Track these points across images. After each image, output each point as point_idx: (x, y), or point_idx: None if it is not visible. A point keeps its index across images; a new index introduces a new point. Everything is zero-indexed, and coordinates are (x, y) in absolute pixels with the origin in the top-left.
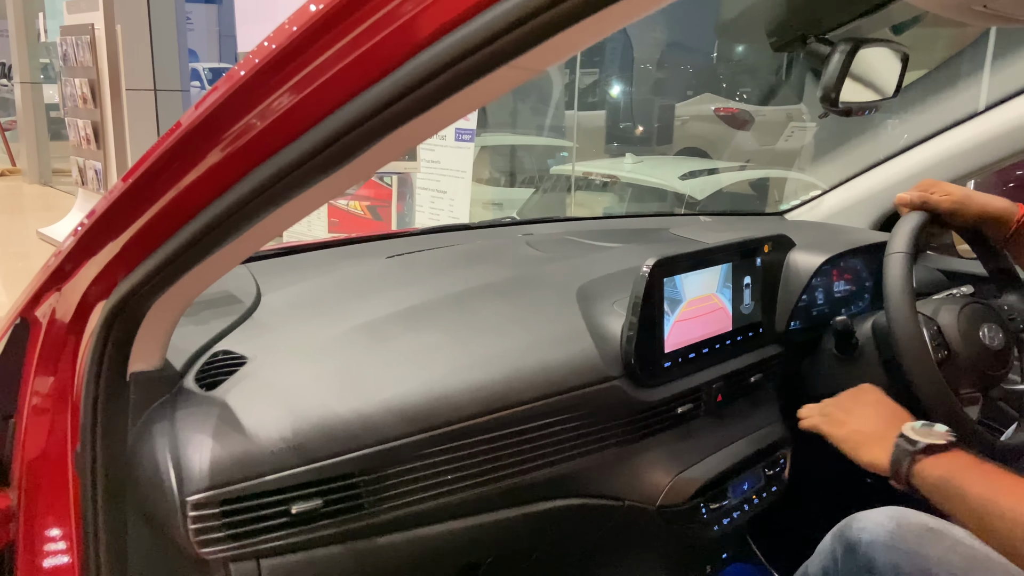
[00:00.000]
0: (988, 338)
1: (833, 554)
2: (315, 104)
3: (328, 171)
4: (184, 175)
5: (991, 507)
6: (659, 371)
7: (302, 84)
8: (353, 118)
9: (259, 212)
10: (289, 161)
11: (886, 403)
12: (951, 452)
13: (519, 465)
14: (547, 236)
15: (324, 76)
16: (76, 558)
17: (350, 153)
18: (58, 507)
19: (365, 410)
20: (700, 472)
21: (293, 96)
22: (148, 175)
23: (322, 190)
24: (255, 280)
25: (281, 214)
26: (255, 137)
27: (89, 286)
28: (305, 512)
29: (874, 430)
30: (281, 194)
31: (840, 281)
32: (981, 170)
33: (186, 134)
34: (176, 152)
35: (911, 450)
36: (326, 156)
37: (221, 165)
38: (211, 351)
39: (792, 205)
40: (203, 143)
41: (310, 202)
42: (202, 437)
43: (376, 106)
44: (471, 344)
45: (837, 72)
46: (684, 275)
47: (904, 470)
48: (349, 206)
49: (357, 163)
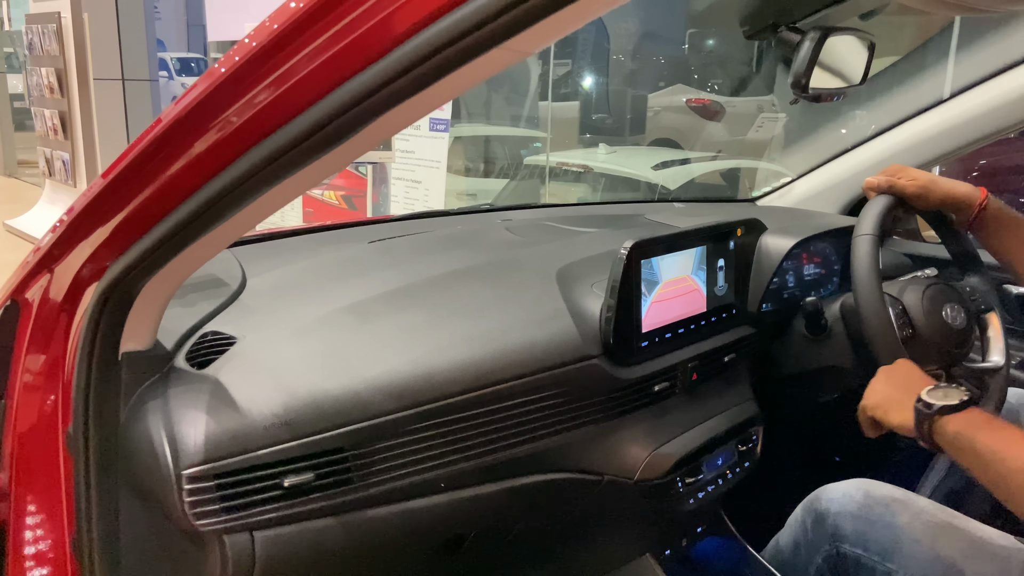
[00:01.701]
0: (951, 317)
1: (803, 525)
2: (307, 88)
3: (320, 153)
4: (175, 160)
5: (997, 458)
6: (636, 350)
7: (304, 62)
8: (343, 103)
9: (248, 196)
10: (279, 145)
11: (913, 373)
12: (966, 411)
13: (502, 441)
14: (525, 221)
15: (323, 57)
16: (68, 536)
17: (343, 135)
18: (50, 486)
19: (353, 387)
20: (676, 448)
21: (279, 85)
22: (141, 159)
23: (314, 171)
24: (240, 264)
25: (270, 197)
26: (244, 124)
27: (82, 266)
28: (297, 485)
29: (898, 396)
30: (271, 177)
31: (810, 265)
32: (946, 156)
33: (176, 121)
34: (167, 138)
35: (927, 412)
36: (318, 138)
37: (210, 151)
38: (200, 332)
39: (763, 192)
40: (192, 130)
41: (300, 184)
42: (195, 413)
43: (362, 93)
44: (454, 324)
45: (807, 59)
46: (660, 257)
47: (926, 431)
48: (324, 196)
49: (349, 144)
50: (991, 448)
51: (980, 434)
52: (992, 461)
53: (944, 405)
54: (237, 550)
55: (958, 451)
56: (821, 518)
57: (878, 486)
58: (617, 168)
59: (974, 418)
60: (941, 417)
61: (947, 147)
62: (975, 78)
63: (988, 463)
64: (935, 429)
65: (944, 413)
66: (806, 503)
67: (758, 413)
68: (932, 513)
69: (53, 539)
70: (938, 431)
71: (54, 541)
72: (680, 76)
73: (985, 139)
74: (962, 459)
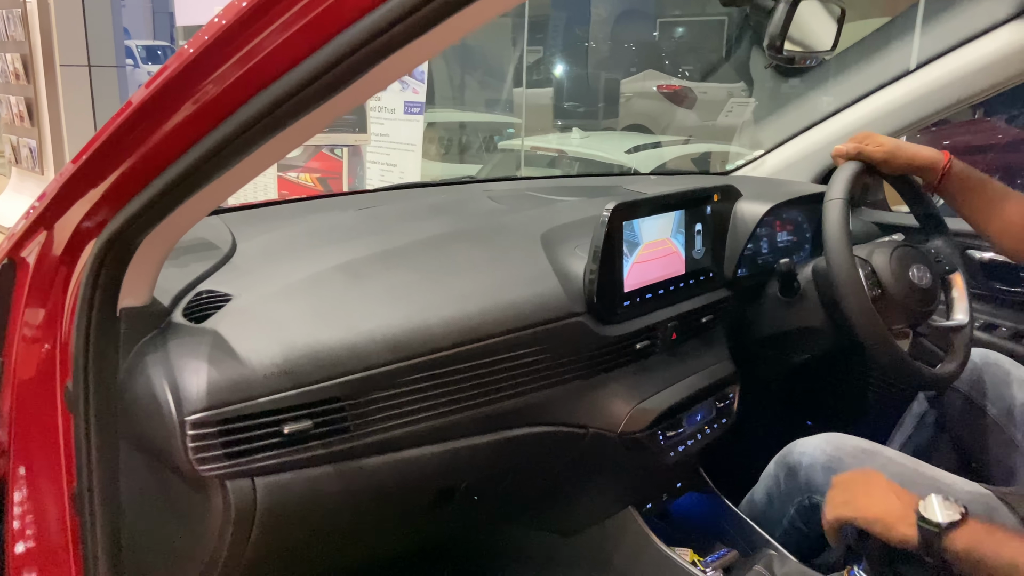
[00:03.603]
0: (917, 277)
1: (776, 478)
2: (297, 45)
3: (315, 105)
4: (174, 114)
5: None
6: (619, 309)
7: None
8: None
9: (242, 150)
10: (275, 97)
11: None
12: (968, 524)
13: (492, 394)
14: (507, 191)
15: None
16: (68, 490)
17: (336, 87)
18: (49, 442)
19: (349, 339)
20: (657, 403)
21: (277, 38)
22: (139, 114)
23: (304, 126)
24: (230, 230)
25: (260, 153)
26: (234, 83)
27: (81, 221)
28: (296, 432)
29: (898, 512)
30: (262, 132)
31: (783, 232)
32: (913, 125)
33: (175, 76)
34: (159, 100)
35: (936, 531)
36: (310, 92)
37: (209, 104)
38: (195, 291)
39: (737, 165)
40: (184, 90)
41: (285, 144)
42: (197, 363)
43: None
44: (445, 282)
45: (781, 22)
46: (641, 219)
47: (935, 548)
48: (300, 178)
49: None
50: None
51: (991, 550)
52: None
53: (951, 523)
54: (239, 495)
55: (970, 566)
56: (793, 471)
57: (847, 439)
58: (591, 152)
59: (978, 532)
60: (947, 534)
61: (914, 116)
62: (939, 50)
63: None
64: (943, 547)
65: (950, 529)
66: (779, 457)
67: (735, 372)
68: (898, 462)
69: (53, 494)
70: (946, 548)
71: (54, 496)
72: (651, 62)
73: (949, 108)
74: (974, 572)
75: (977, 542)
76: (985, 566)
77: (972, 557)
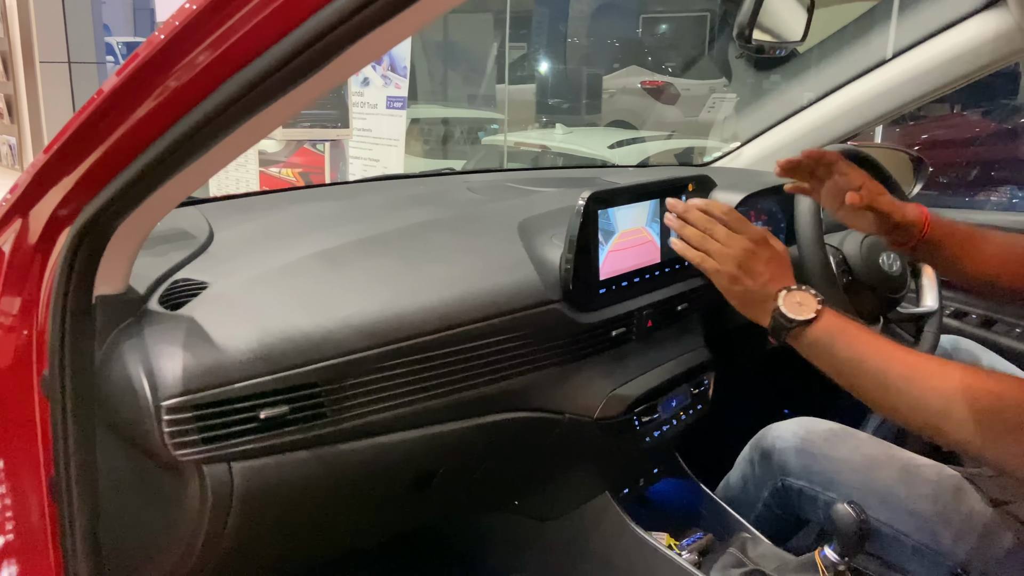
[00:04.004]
0: (887, 265)
1: (751, 463)
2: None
3: (288, 88)
4: (146, 99)
5: (857, 367)
6: (595, 296)
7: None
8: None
9: (217, 134)
10: (248, 80)
11: (775, 261)
12: (821, 319)
13: (469, 380)
14: (486, 182)
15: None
16: (45, 477)
17: (313, 67)
18: (26, 429)
19: (326, 325)
20: (633, 389)
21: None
22: (108, 103)
23: (277, 111)
24: (207, 220)
25: (236, 137)
26: (206, 68)
27: (54, 210)
28: (273, 418)
29: (758, 294)
30: (234, 118)
31: (758, 221)
32: (889, 114)
33: (148, 61)
34: (131, 86)
35: (786, 326)
36: (282, 76)
37: (182, 89)
38: (171, 279)
39: (714, 157)
40: (156, 76)
41: (258, 130)
42: (172, 349)
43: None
44: (423, 269)
45: (750, 11)
46: (616, 208)
47: (781, 338)
48: (281, 173)
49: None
50: (849, 355)
51: (838, 341)
52: (855, 373)
53: (801, 320)
54: (216, 480)
55: (815, 358)
56: (767, 455)
57: (819, 423)
58: (574, 148)
59: (830, 325)
60: (798, 329)
61: (890, 106)
62: (914, 39)
63: (851, 375)
64: (789, 338)
65: (802, 326)
66: (753, 442)
67: (710, 359)
68: (869, 445)
69: (30, 482)
70: (793, 339)
71: (32, 484)
72: (634, 58)
73: (924, 97)
74: (818, 363)
75: (828, 336)
76: (832, 358)
77: (818, 349)
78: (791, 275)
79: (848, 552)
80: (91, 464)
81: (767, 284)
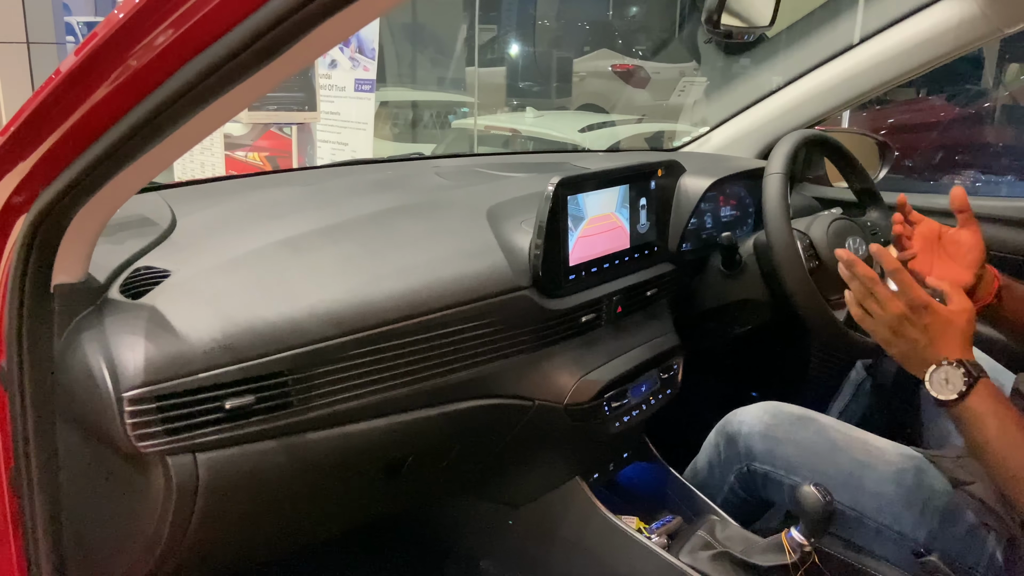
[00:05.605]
0: (853, 249)
1: (717, 447)
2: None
3: (252, 71)
4: (102, 83)
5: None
6: (564, 282)
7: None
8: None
9: (175, 120)
10: (200, 70)
11: (935, 328)
12: (968, 399)
13: (438, 367)
14: (455, 168)
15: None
16: (5, 470)
17: (274, 51)
18: None
19: (291, 313)
20: (602, 375)
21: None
22: (65, 85)
23: (239, 94)
24: (169, 206)
25: (196, 122)
26: (166, 48)
27: (9, 197)
28: (238, 408)
29: (914, 359)
30: (195, 102)
31: (726, 206)
32: (855, 99)
33: (103, 44)
34: (88, 67)
35: (943, 399)
36: (245, 57)
37: (139, 73)
38: (133, 267)
39: (683, 142)
40: (115, 56)
41: (220, 114)
42: (134, 339)
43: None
44: (390, 256)
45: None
46: (586, 194)
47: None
48: (248, 157)
49: (276, 63)
50: (982, 439)
51: (976, 423)
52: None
53: (942, 400)
54: (180, 472)
55: (960, 432)
56: (733, 439)
57: (784, 407)
58: (544, 131)
59: (976, 405)
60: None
61: (856, 91)
62: (881, 25)
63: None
64: (940, 404)
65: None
66: (719, 427)
67: (679, 344)
68: (833, 429)
69: None
70: (944, 407)
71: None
72: (605, 41)
73: (890, 82)
74: (963, 437)
75: (971, 416)
76: (968, 437)
77: (960, 425)
78: (957, 342)
79: (814, 534)
80: (51, 455)
81: (924, 350)
